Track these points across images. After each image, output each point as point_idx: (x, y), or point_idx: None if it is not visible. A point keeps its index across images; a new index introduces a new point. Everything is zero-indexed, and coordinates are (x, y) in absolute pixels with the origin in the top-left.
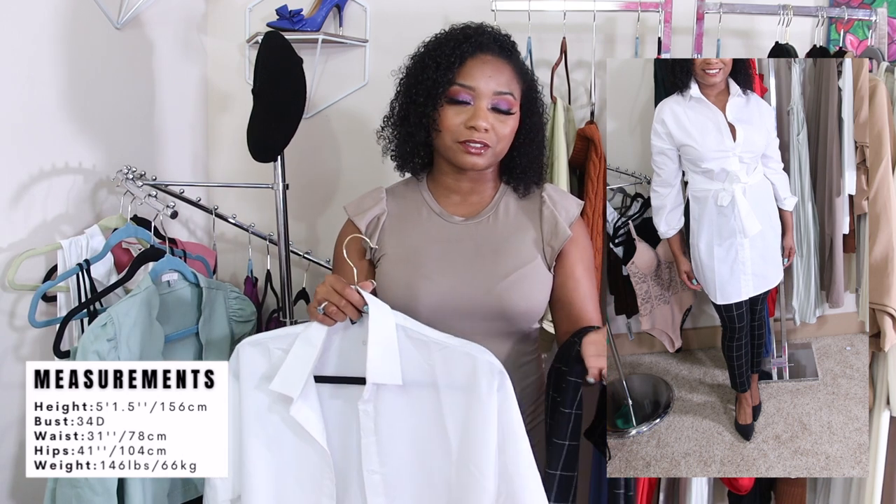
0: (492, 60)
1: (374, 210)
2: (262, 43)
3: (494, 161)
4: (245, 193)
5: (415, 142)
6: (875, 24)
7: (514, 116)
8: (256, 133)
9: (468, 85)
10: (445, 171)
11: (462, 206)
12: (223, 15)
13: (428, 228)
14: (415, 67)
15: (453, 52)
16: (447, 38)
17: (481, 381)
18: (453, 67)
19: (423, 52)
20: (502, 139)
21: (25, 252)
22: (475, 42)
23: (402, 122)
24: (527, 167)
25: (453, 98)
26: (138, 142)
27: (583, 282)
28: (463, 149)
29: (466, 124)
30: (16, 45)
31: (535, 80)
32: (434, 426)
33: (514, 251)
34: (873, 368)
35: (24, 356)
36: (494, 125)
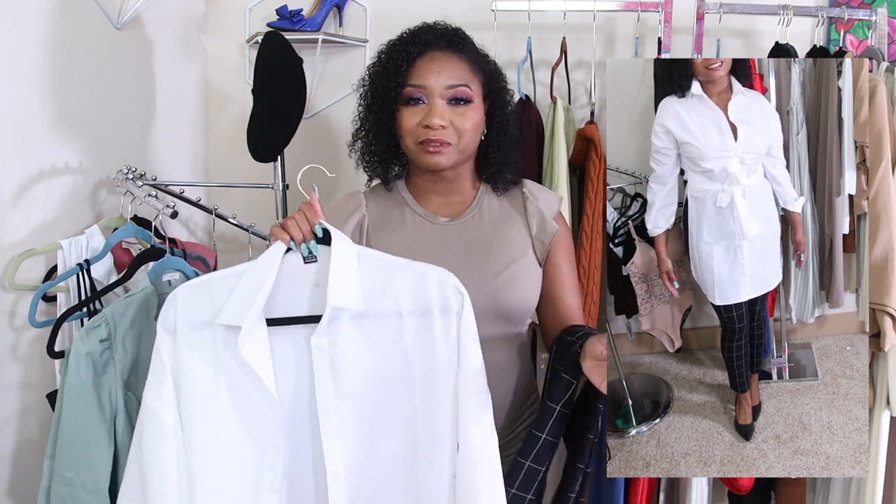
0: (440, 56)
1: (355, 216)
2: (262, 43)
3: (461, 158)
4: (245, 193)
5: (382, 149)
6: (875, 24)
7: (474, 107)
8: (256, 133)
9: (418, 84)
10: (421, 174)
11: (445, 207)
12: (223, 15)
13: (413, 231)
14: (370, 77)
15: (401, 55)
16: (395, 43)
17: (449, 302)
18: (402, 70)
19: (375, 62)
20: (464, 133)
21: (25, 252)
22: (421, 41)
23: (366, 133)
24: (502, 164)
25: (407, 99)
26: (138, 142)
27: (569, 277)
28: (423, 149)
29: (421, 124)
30: (15, 45)
31: (496, 69)
32: (395, 355)
33: (504, 248)
34: (873, 368)
35: (24, 356)
36: (453, 120)
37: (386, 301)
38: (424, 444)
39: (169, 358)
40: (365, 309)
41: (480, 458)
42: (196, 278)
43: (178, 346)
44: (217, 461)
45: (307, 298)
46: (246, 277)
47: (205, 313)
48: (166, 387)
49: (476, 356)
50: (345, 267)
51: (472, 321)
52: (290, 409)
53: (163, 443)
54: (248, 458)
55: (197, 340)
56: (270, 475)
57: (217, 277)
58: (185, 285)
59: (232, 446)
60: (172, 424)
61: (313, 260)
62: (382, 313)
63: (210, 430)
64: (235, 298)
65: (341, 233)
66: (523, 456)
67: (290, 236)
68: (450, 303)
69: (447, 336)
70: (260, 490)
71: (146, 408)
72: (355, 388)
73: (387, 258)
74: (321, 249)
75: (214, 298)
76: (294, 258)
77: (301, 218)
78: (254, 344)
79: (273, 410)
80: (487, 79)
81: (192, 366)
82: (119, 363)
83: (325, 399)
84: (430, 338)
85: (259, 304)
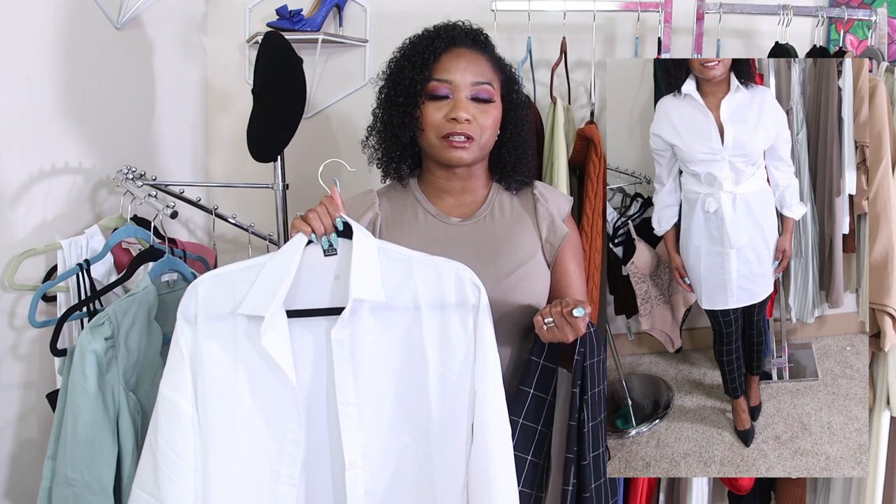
0: (466, 53)
1: (367, 214)
2: (261, 43)
3: (480, 155)
4: (245, 193)
5: (401, 144)
6: (875, 24)
7: (495, 105)
8: (256, 133)
9: (445, 78)
10: (435, 172)
11: (457, 207)
12: (223, 15)
13: (426, 230)
14: (392, 71)
15: (427, 50)
16: (420, 38)
17: (466, 297)
18: (429, 64)
19: (398, 56)
20: (486, 130)
21: (25, 252)
22: (447, 37)
23: (385, 127)
24: (516, 163)
25: (432, 94)
26: (138, 142)
27: (576, 278)
28: (447, 144)
29: (447, 117)
30: (15, 45)
31: (512, 72)
32: (414, 348)
33: (515, 249)
34: (873, 368)
35: (24, 356)
36: (476, 116)
37: (405, 295)
38: (440, 436)
39: (188, 348)
40: (386, 301)
41: (494, 451)
42: (216, 269)
43: (198, 336)
44: (234, 452)
45: (327, 291)
46: (267, 269)
47: (226, 304)
48: (184, 376)
49: (492, 350)
50: (366, 259)
51: (489, 316)
52: (308, 400)
53: (179, 433)
54: (265, 450)
55: (218, 330)
56: (289, 469)
57: (238, 269)
58: (206, 276)
59: (250, 437)
60: (189, 414)
61: (333, 253)
62: (401, 307)
63: (228, 421)
64: (257, 289)
65: (363, 227)
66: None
67: (311, 228)
68: (467, 297)
69: (464, 330)
70: (278, 484)
71: (162, 398)
72: (374, 380)
73: (406, 252)
74: (341, 243)
75: (236, 289)
76: (314, 251)
77: (322, 211)
78: (275, 334)
79: (293, 402)
80: (505, 79)
81: (211, 355)
82: (122, 362)
83: (344, 391)
84: (448, 331)
85: (281, 295)
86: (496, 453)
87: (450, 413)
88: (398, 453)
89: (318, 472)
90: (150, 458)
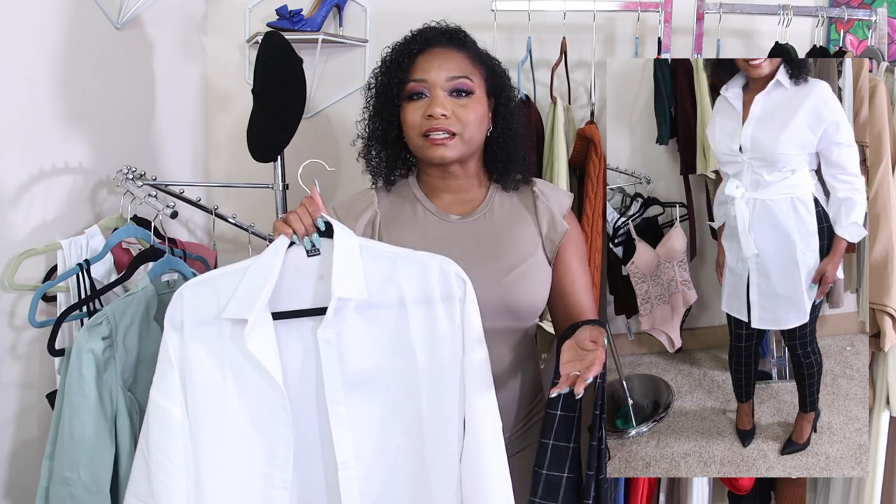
0: (440, 51)
1: (367, 213)
2: (261, 43)
3: (467, 151)
4: (245, 193)
5: (388, 150)
6: (875, 24)
7: (476, 98)
8: (256, 133)
9: (420, 78)
10: (430, 172)
11: (456, 206)
12: (223, 15)
13: (426, 228)
14: (375, 79)
15: (401, 53)
16: (398, 44)
17: (451, 290)
18: (405, 67)
19: (379, 65)
20: (468, 124)
21: (25, 252)
22: (422, 39)
23: (372, 133)
24: (508, 160)
25: (410, 94)
26: (138, 142)
27: (580, 274)
28: (428, 143)
29: (425, 114)
30: (15, 45)
31: (498, 65)
32: (401, 344)
33: (515, 246)
34: (873, 368)
35: (24, 356)
36: (455, 111)
37: (390, 291)
38: (432, 431)
39: (176, 354)
40: (369, 299)
41: (486, 447)
42: (201, 275)
43: (186, 342)
44: (225, 457)
45: (311, 291)
46: (251, 272)
47: (211, 308)
48: (174, 383)
49: (480, 342)
50: (348, 258)
51: (475, 307)
52: (297, 401)
53: (170, 439)
54: (256, 454)
55: (204, 336)
56: (281, 472)
57: (222, 273)
58: (191, 282)
59: (240, 441)
60: (180, 420)
61: (316, 253)
62: (386, 303)
63: (218, 426)
64: (241, 293)
65: (343, 225)
66: (539, 466)
67: (292, 230)
68: (452, 291)
69: (451, 323)
70: (270, 487)
71: (153, 404)
72: (362, 378)
73: (389, 249)
74: (324, 242)
75: (220, 294)
76: (297, 252)
77: (303, 212)
78: (260, 337)
79: (281, 404)
80: (489, 73)
81: (199, 361)
82: (119, 362)
83: (333, 391)
84: (435, 326)
85: (264, 298)
86: (488, 449)
87: (441, 407)
88: (391, 450)
89: (311, 473)
90: (143, 466)
